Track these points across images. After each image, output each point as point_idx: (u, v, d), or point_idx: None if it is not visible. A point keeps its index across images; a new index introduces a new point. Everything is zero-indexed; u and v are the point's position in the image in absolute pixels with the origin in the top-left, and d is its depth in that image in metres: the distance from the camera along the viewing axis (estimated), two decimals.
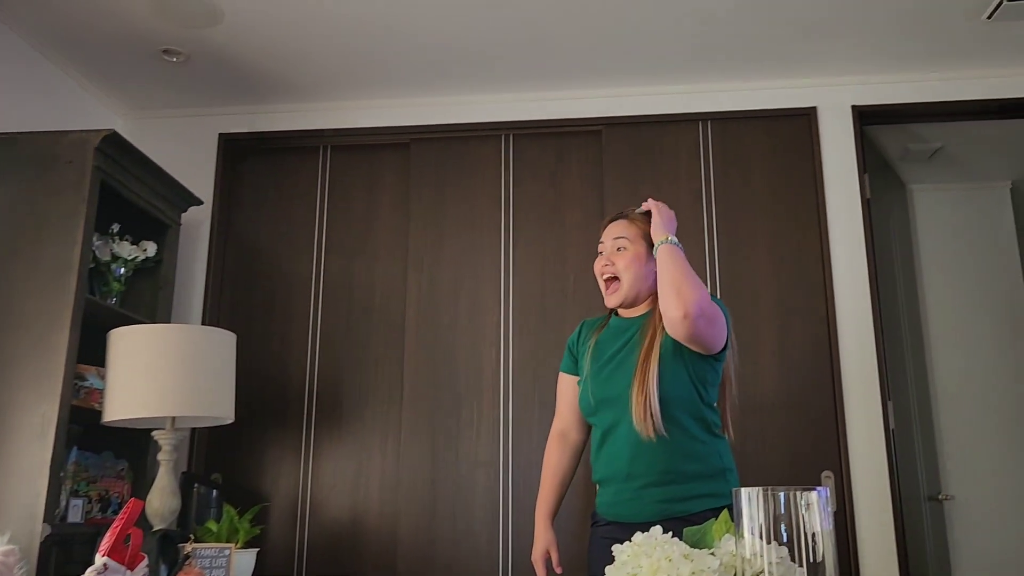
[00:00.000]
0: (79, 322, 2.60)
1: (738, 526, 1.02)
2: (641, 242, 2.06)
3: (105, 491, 2.92)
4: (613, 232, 2.09)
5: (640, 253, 2.04)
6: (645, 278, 2.04)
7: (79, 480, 2.83)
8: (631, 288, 2.04)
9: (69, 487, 2.77)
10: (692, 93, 3.41)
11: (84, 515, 2.78)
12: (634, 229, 2.07)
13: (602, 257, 2.09)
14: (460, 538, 3.12)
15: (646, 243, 2.06)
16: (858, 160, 3.29)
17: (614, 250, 2.06)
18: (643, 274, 2.04)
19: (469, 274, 3.36)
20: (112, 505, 2.92)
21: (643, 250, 2.05)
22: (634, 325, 2.04)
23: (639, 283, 2.04)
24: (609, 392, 2.00)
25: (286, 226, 3.54)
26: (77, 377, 2.71)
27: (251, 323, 3.44)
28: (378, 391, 3.33)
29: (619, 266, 2.04)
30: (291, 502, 3.26)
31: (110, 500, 2.93)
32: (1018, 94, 3.28)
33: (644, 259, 2.04)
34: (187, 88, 3.45)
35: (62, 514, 2.70)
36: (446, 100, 3.53)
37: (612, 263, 2.05)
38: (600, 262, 2.09)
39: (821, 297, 3.17)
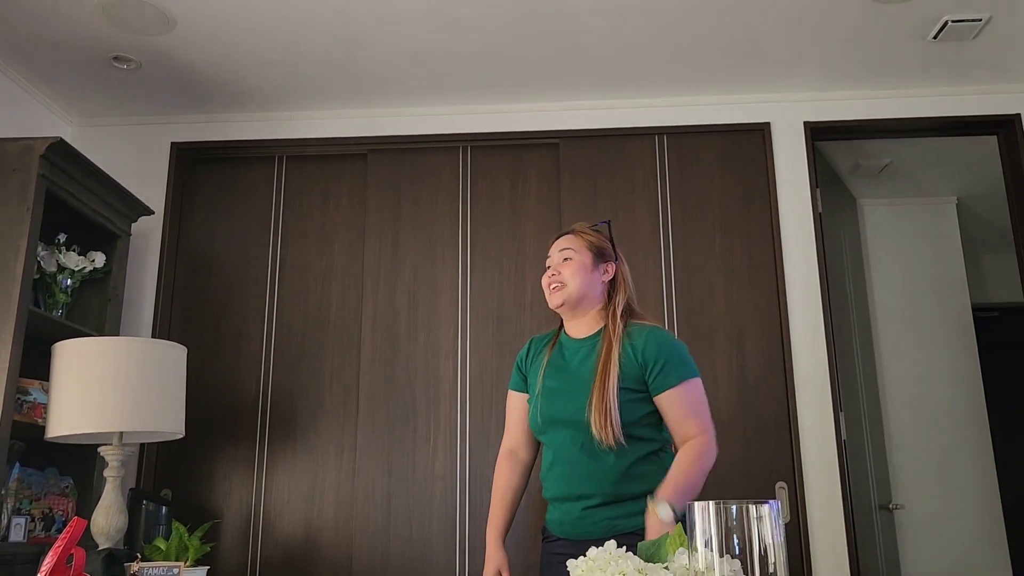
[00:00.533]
0: (22, 334, 2.53)
1: (691, 539, 1.02)
2: (586, 252, 2.10)
3: (49, 509, 2.83)
4: (560, 246, 2.13)
5: (585, 263, 2.08)
6: (591, 285, 2.08)
7: (21, 498, 2.74)
8: (576, 290, 2.06)
9: (11, 505, 2.69)
10: (649, 107, 3.45)
11: (27, 534, 2.69)
12: (580, 241, 2.12)
13: (548, 270, 2.13)
14: (416, 553, 3.09)
15: (592, 253, 2.10)
16: (810, 175, 3.35)
17: (560, 261, 2.10)
18: (589, 281, 2.08)
19: (426, 287, 3.34)
20: (56, 523, 2.84)
21: (588, 260, 2.09)
22: (586, 345, 2.07)
23: (584, 288, 2.07)
24: (560, 412, 2.01)
25: (240, 237, 3.48)
26: (20, 391, 2.63)
27: (203, 336, 3.37)
28: (333, 404, 3.29)
29: (565, 274, 2.07)
30: (243, 518, 3.20)
31: (54, 518, 2.84)
32: (963, 112, 3.37)
33: (590, 268, 2.08)
34: (138, 96, 3.39)
35: (3, 533, 2.61)
36: (404, 111, 3.52)
37: (558, 272, 2.08)
38: (546, 275, 2.13)
39: (775, 310, 3.21)
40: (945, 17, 2.88)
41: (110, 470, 2.44)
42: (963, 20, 2.88)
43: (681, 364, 2.01)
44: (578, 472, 1.98)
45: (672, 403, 1.98)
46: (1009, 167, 3.42)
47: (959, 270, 4.48)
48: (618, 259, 2.15)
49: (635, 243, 3.30)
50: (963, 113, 3.38)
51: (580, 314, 2.10)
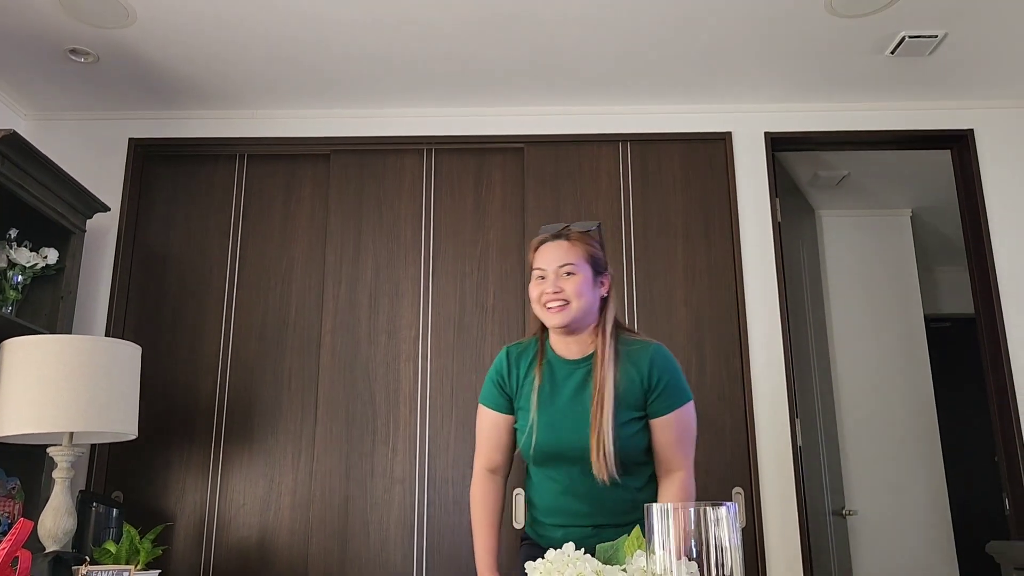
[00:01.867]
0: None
1: (649, 542, 1.03)
2: (587, 266, 1.93)
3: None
4: (556, 256, 1.93)
5: (588, 278, 1.92)
6: (593, 303, 1.94)
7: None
8: (580, 312, 1.91)
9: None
10: (613, 115, 3.47)
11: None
12: (579, 251, 1.94)
13: (544, 282, 1.92)
14: (374, 556, 3.06)
15: (591, 267, 1.94)
16: (770, 185, 3.40)
17: (562, 275, 1.91)
18: (592, 299, 1.93)
19: (387, 289, 3.32)
20: (2, 526, 2.76)
21: (590, 274, 1.93)
22: (582, 368, 1.94)
23: (588, 307, 1.92)
24: (565, 446, 1.89)
25: (199, 236, 3.43)
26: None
27: (158, 335, 3.31)
28: (292, 407, 3.25)
29: (569, 291, 1.89)
30: (197, 521, 3.14)
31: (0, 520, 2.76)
32: (918, 126, 3.45)
33: (591, 284, 1.93)
34: (96, 90, 3.32)
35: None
36: (368, 112, 3.50)
37: (561, 289, 1.89)
38: (540, 287, 1.93)
39: (734, 317, 3.25)
40: (902, 33, 2.94)
41: (59, 471, 2.38)
42: (920, 36, 2.95)
43: (680, 387, 1.93)
44: (590, 503, 1.90)
45: (666, 429, 1.90)
46: (962, 181, 3.50)
47: (913, 281, 4.58)
48: (608, 268, 2.01)
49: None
50: (919, 127, 3.45)
51: (578, 332, 1.94)
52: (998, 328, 3.25)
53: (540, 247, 1.97)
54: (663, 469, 1.92)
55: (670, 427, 1.90)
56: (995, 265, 3.31)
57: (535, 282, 1.95)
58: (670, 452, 1.90)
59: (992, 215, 3.37)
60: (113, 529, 2.85)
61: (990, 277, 3.31)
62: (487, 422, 2.02)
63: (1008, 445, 3.20)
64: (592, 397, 1.87)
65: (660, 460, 1.92)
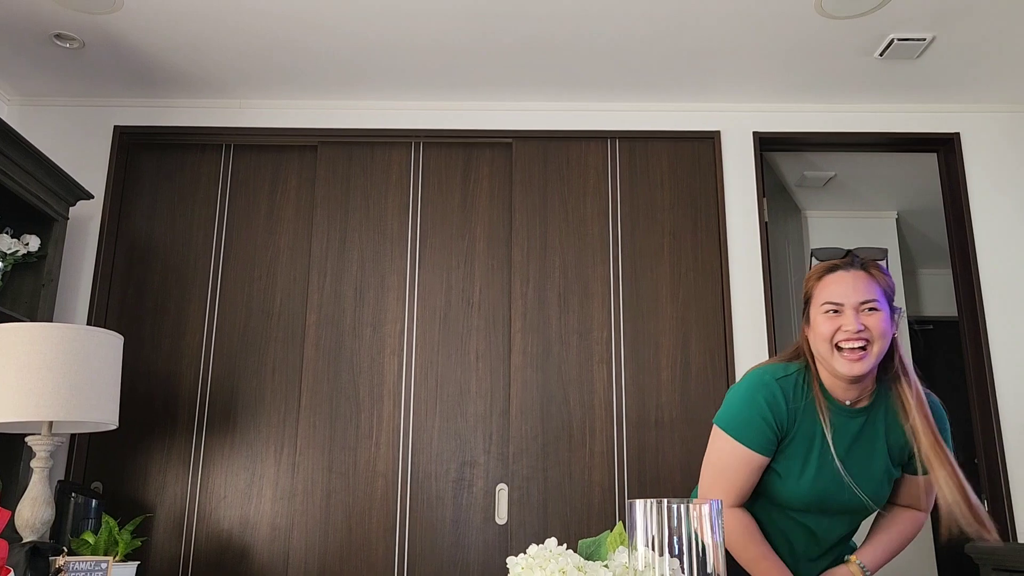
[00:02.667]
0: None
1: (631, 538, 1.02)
2: (886, 303, 1.67)
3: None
4: (858, 290, 1.65)
5: (888, 317, 1.65)
6: (886, 347, 1.67)
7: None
8: (878, 358, 1.65)
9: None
10: (603, 111, 3.47)
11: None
12: (878, 285, 1.68)
13: (840, 317, 1.65)
14: (355, 549, 3.05)
15: (889, 306, 1.68)
16: (757, 184, 3.40)
17: (864, 311, 1.64)
18: (887, 342, 1.66)
19: (373, 282, 3.31)
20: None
21: (889, 315, 1.66)
22: (861, 417, 1.71)
23: (882, 353, 1.65)
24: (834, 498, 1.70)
25: (183, 225, 3.40)
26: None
27: (141, 325, 3.29)
28: (275, 399, 3.23)
29: (874, 331, 1.63)
30: (177, 513, 3.12)
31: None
32: (905, 129, 3.47)
33: (890, 323, 1.67)
34: (81, 76, 3.29)
35: None
36: (356, 104, 3.48)
37: (864, 327, 1.62)
38: (834, 322, 1.65)
39: (719, 315, 3.26)
40: (891, 35, 2.95)
41: (37, 460, 2.35)
42: (908, 39, 2.96)
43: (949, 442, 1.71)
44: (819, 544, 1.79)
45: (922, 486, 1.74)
46: (948, 184, 3.52)
47: (897, 283, 4.61)
48: None
49: (584, 245, 3.31)
50: (906, 130, 3.47)
51: (862, 381, 1.68)
52: (980, 331, 3.28)
53: (830, 275, 1.69)
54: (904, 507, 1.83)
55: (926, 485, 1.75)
56: (979, 268, 3.34)
57: (824, 316, 1.66)
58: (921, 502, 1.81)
59: (976, 218, 3.39)
60: (92, 520, 2.83)
61: (973, 280, 3.33)
62: (740, 460, 1.70)
63: (988, 447, 3.22)
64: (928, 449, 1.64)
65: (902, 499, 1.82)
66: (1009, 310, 3.30)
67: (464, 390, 3.20)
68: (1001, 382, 3.22)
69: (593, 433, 3.14)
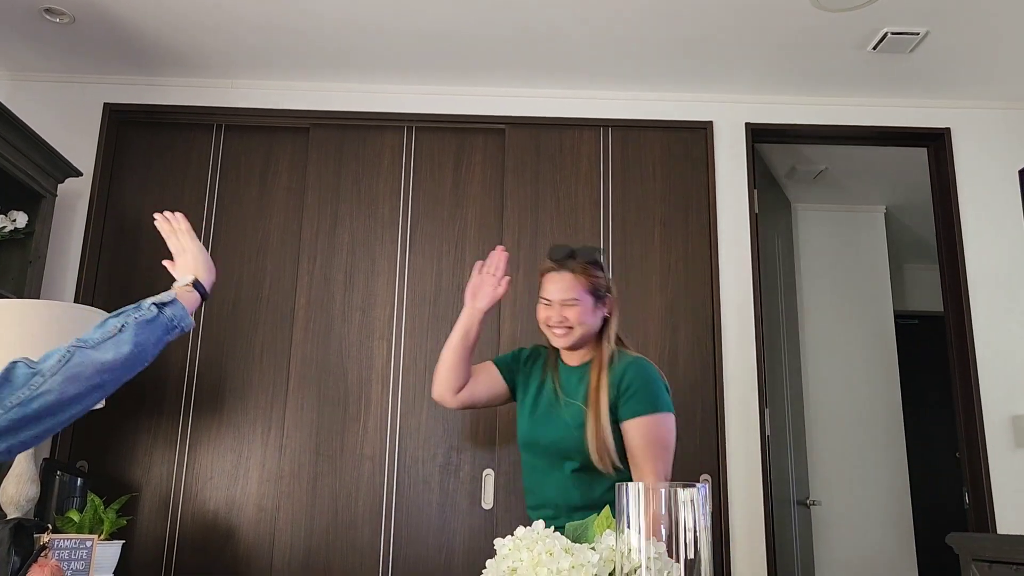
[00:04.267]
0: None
1: (619, 521, 1.03)
2: (587, 296, 2.17)
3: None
4: (560, 289, 2.17)
5: (588, 306, 2.17)
6: (594, 325, 2.19)
7: None
8: (582, 334, 2.18)
9: None
10: (596, 99, 3.46)
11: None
12: (581, 285, 2.17)
13: (549, 309, 2.18)
14: (341, 531, 3.06)
15: (592, 297, 2.18)
16: (748, 176, 3.41)
17: (564, 306, 2.16)
18: (593, 322, 2.19)
19: (363, 266, 3.30)
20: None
21: (590, 303, 2.17)
22: (577, 373, 2.21)
23: (589, 330, 2.18)
24: (550, 438, 2.14)
25: (173, 205, 3.38)
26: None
27: (129, 304, 3.26)
28: (263, 381, 3.23)
29: (572, 320, 2.15)
30: (163, 493, 3.12)
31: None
32: (896, 123, 3.48)
33: (591, 310, 2.17)
34: (71, 52, 3.25)
35: None
36: (349, 87, 3.46)
37: (565, 318, 2.15)
38: (546, 312, 2.18)
39: (708, 305, 3.27)
40: (885, 29, 2.96)
41: None
42: (902, 33, 2.97)
43: (653, 396, 2.10)
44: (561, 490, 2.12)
45: (635, 433, 2.07)
46: (937, 180, 3.54)
47: (884, 277, 4.64)
48: (610, 291, 2.24)
49: (576, 232, 3.32)
50: (896, 124, 3.48)
51: (579, 348, 2.22)
52: (966, 326, 3.30)
53: (546, 275, 2.21)
54: (635, 476, 2.06)
55: (638, 432, 2.06)
56: (966, 264, 3.36)
57: (541, 307, 2.21)
58: (637, 458, 2.06)
59: (965, 214, 3.41)
60: (77, 498, 2.82)
61: (960, 276, 3.36)
62: (483, 367, 2.34)
63: (970, 442, 3.25)
64: (588, 397, 2.10)
65: (632, 463, 2.08)
66: (995, 306, 3.33)
67: None
68: (985, 377, 3.25)
69: None
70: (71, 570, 2.30)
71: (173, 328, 1.51)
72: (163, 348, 1.53)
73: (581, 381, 2.17)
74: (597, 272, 2.21)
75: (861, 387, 4.44)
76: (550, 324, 2.18)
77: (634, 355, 2.20)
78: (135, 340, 1.39)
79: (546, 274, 2.22)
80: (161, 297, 1.53)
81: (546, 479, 2.15)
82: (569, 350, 2.23)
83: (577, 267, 2.19)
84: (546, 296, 2.19)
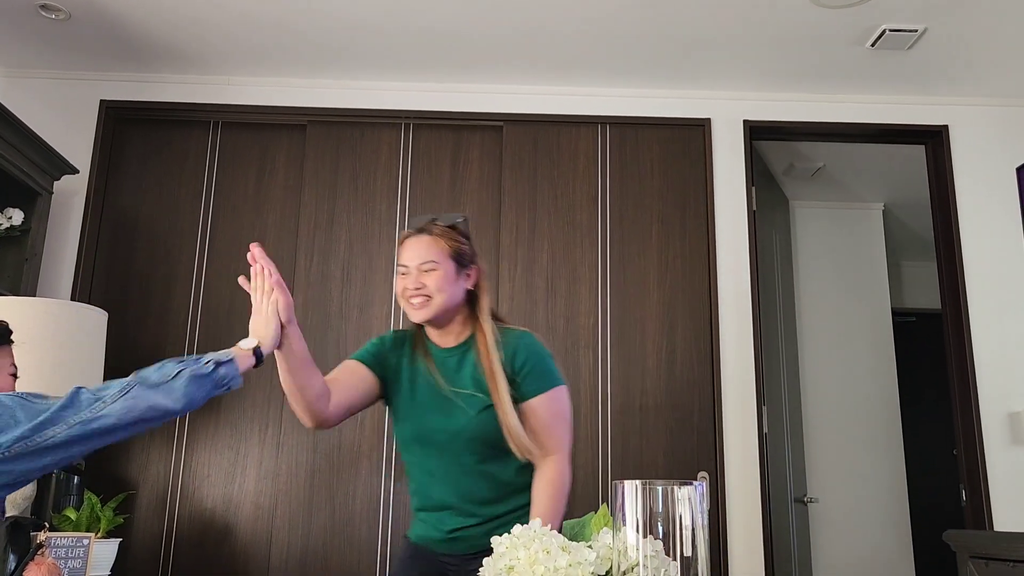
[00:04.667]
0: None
1: (616, 519, 1.03)
2: (449, 260, 1.94)
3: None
4: (418, 253, 1.94)
5: (450, 272, 1.93)
6: (457, 295, 1.95)
7: None
8: (442, 303, 1.92)
9: None
10: (594, 96, 3.46)
11: None
12: (440, 247, 1.94)
13: (407, 278, 1.93)
14: (339, 528, 3.05)
15: (454, 262, 1.94)
16: (747, 173, 3.41)
17: (423, 271, 1.92)
18: (455, 291, 1.94)
19: (361, 264, 3.29)
20: None
21: (452, 269, 1.93)
22: (455, 355, 1.98)
23: (451, 299, 1.93)
24: (441, 427, 1.92)
25: (170, 202, 3.38)
26: None
27: (126, 302, 3.26)
28: (260, 378, 3.22)
29: (431, 287, 1.91)
30: (160, 491, 3.11)
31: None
32: (894, 120, 3.48)
33: (453, 277, 1.93)
34: (67, 49, 3.24)
35: None
36: (347, 83, 3.45)
37: (423, 284, 1.91)
38: (404, 282, 1.94)
39: (706, 303, 3.27)
40: (883, 26, 2.96)
41: None
42: (900, 30, 2.97)
43: (548, 371, 1.95)
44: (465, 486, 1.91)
45: (536, 411, 1.91)
46: (935, 177, 3.54)
47: (882, 274, 4.64)
48: (476, 261, 2.01)
49: (573, 230, 3.31)
50: (895, 121, 3.48)
51: (445, 323, 1.97)
52: (963, 324, 3.30)
53: (404, 242, 1.98)
54: (541, 452, 1.91)
55: (540, 409, 1.91)
56: (963, 261, 3.36)
57: (399, 277, 1.96)
58: (544, 435, 1.91)
59: (962, 212, 3.41)
60: (74, 496, 2.82)
61: (958, 273, 3.36)
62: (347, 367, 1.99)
63: (968, 439, 3.26)
64: (485, 381, 1.89)
65: (537, 443, 1.90)
66: (992, 303, 3.33)
67: None
68: (982, 375, 3.26)
69: (578, 417, 3.14)
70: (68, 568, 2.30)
71: (222, 386, 1.63)
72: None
73: (462, 364, 1.95)
74: (460, 237, 1.98)
75: (859, 384, 4.44)
76: (407, 295, 1.92)
77: (517, 328, 2.02)
78: (185, 390, 1.55)
79: (403, 241, 1.98)
80: (220, 355, 1.64)
81: (446, 476, 1.93)
82: (433, 327, 1.98)
83: (436, 229, 1.96)
84: (403, 262, 1.95)
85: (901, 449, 4.39)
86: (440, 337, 1.99)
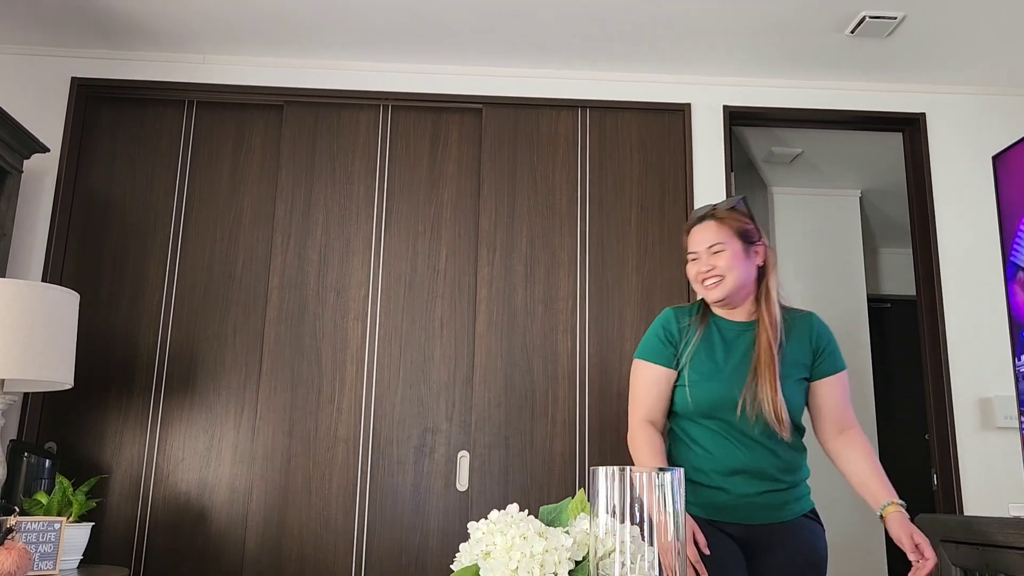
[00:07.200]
0: None
1: (593, 505, 1.02)
2: (736, 241, 2.01)
3: None
4: (705, 239, 2.02)
5: (738, 251, 2.00)
6: (748, 273, 2.02)
7: None
8: (735, 284, 1.99)
9: None
10: (573, 79, 3.44)
11: None
12: (726, 229, 2.01)
13: (698, 262, 2.02)
14: (316, 514, 3.04)
15: (741, 240, 2.01)
16: (726, 158, 3.41)
17: (711, 255, 2.00)
18: (746, 270, 2.01)
19: (338, 246, 3.27)
20: None
21: (740, 248, 2.01)
22: (750, 331, 2.02)
23: (743, 278, 2.00)
24: (733, 395, 1.94)
25: (143, 182, 3.32)
26: None
27: (98, 283, 3.21)
28: (236, 362, 3.19)
29: (722, 267, 1.99)
30: (134, 475, 3.08)
31: None
32: (872, 108, 3.49)
33: (743, 256, 2.01)
34: (37, 24, 3.17)
35: None
36: (325, 64, 3.41)
37: (713, 266, 1.99)
38: (696, 267, 2.03)
39: (684, 288, 3.27)
40: (863, 12, 2.96)
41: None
42: (880, 16, 2.97)
43: (839, 353, 2.08)
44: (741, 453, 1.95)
45: (834, 389, 2.03)
46: (911, 164, 3.56)
47: (858, 261, 4.67)
48: (763, 238, 2.07)
49: (552, 214, 3.30)
50: (873, 108, 3.49)
51: (739, 302, 2.04)
52: (937, 310, 3.34)
53: (690, 232, 2.07)
54: (835, 428, 2.02)
55: (838, 386, 2.03)
56: (939, 249, 3.39)
57: (691, 264, 2.05)
58: (842, 410, 2.02)
59: (938, 199, 3.43)
60: (45, 480, 2.78)
61: (933, 260, 3.38)
62: (647, 374, 2.04)
63: (940, 424, 3.30)
64: (760, 357, 1.95)
65: (829, 420, 2.02)
66: (966, 290, 3.36)
67: (428, 357, 3.19)
68: (955, 360, 3.29)
69: (555, 402, 3.15)
70: (39, 553, 2.27)
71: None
72: None
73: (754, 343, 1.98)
74: (743, 217, 2.04)
75: None
76: (700, 278, 2.01)
77: (802, 310, 2.10)
78: None
79: (689, 231, 2.07)
80: None
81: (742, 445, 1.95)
82: (726, 307, 2.04)
83: (720, 213, 2.04)
84: (692, 249, 2.04)
85: (875, 434, 4.44)
86: (732, 314, 2.05)
